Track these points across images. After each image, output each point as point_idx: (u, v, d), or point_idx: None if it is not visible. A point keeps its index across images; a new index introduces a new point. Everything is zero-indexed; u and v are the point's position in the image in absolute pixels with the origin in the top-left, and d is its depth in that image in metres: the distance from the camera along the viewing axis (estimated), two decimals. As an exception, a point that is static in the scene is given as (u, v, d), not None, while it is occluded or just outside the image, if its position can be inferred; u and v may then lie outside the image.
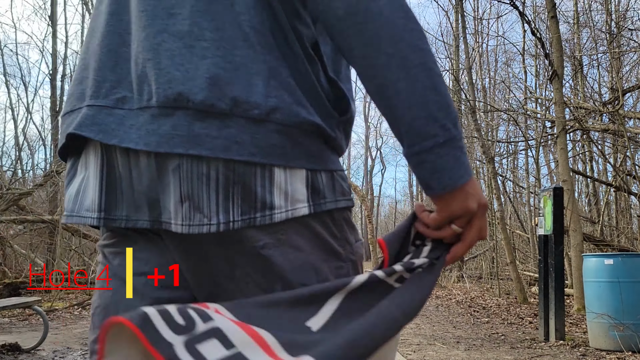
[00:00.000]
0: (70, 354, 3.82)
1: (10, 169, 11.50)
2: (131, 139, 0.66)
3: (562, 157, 6.19)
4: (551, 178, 11.46)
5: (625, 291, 3.97)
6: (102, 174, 0.70)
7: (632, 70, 9.55)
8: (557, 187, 4.79)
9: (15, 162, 11.74)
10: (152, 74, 0.66)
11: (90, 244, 10.17)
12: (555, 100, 6.46)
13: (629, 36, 8.45)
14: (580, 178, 10.80)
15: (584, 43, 10.18)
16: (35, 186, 10.04)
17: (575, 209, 6.04)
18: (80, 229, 9.68)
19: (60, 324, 5.48)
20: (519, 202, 13.48)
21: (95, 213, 0.70)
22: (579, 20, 9.84)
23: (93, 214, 0.70)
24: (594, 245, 7.68)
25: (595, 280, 4.17)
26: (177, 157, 0.64)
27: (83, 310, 6.55)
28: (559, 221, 4.62)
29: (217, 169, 0.64)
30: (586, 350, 4.10)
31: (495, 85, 14.84)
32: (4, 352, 3.77)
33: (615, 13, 9.18)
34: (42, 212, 9.97)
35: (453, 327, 5.13)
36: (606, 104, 8.50)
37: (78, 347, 4.12)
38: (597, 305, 4.10)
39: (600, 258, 4.24)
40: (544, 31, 8.83)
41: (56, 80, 12.36)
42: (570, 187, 5.94)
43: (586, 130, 8.44)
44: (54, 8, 12.49)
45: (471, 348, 4.29)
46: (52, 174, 9.45)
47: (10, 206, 8.70)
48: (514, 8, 7.20)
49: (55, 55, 12.48)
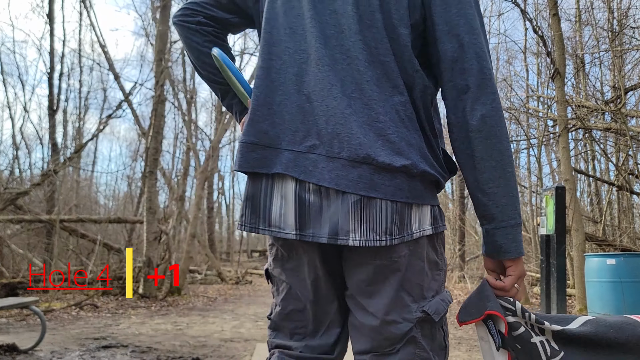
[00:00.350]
0: (68, 355, 3.78)
1: (7, 168, 11.45)
2: (325, 179, 0.96)
3: (564, 156, 6.14)
4: (553, 177, 11.42)
5: (628, 291, 3.94)
6: (296, 203, 0.98)
7: (635, 69, 9.49)
8: (559, 186, 4.75)
9: (12, 161, 11.68)
10: (344, 135, 0.96)
11: (87, 244, 10.12)
12: (557, 98, 6.42)
13: (631, 34, 8.40)
14: (583, 177, 10.76)
15: (586, 41, 10.14)
16: (32, 185, 9.99)
17: (577, 209, 5.99)
18: (78, 229, 9.64)
19: (58, 324, 5.44)
20: (521, 202, 13.42)
21: (294, 231, 0.99)
22: (581, 18, 9.79)
23: (292, 232, 0.99)
24: (596, 245, 7.64)
25: (598, 280, 4.13)
26: (359, 195, 0.95)
27: (81, 311, 6.51)
28: (561, 221, 4.58)
29: (386, 205, 0.96)
30: (589, 351, 4.05)
31: (497, 84, 14.73)
32: (1, 352, 3.74)
33: (618, 11, 9.13)
34: (39, 211, 9.92)
35: (454, 328, 5.09)
36: (608, 102, 8.45)
37: (76, 347, 4.07)
38: (599, 305, 4.06)
39: (603, 258, 4.20)
40: (546, 29, 8.78)
41: (53, 79, 12.31)
42: (572, 187, 5.90)
43: (588, 129, 8.40)
44: (52, 6, 12.43)
45: (472, 349, 4.25)
46: (49, 173, 9.40)
47: (8, 205, 8.64)
48: (516, 6, 7.16)
49: (53, 53, 12.43)
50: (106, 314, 6.43)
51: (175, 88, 12.39)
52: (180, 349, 4.16)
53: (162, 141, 9.37)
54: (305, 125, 0.99)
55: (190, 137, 12.43)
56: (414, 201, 0.98)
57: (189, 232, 10.72)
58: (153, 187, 8.72)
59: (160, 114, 8.96)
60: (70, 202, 11.73)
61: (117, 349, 4.05)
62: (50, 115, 11.98)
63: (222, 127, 11.64)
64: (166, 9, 9.14)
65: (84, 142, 12.27)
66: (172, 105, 13.42)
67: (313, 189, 0.97)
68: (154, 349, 4.11)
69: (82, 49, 16.38)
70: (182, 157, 15.81)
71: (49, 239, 9.39)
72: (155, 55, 9.16)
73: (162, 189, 13.77)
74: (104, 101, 18.45)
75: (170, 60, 10.64)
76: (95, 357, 3.73)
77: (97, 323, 5.58)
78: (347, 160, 0.95)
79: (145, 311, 6.85)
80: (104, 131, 13.48)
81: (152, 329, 5.22)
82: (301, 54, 1.02)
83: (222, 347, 4.29)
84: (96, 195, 22.24)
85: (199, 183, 11.71)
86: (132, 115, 11.22)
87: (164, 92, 9.36)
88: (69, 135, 17.30)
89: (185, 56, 12.91)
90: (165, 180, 13.28)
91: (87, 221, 10.18)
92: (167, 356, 3.82)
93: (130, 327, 5.32)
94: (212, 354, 3.95)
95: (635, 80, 8.90)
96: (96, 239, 9.35)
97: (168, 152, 17.93)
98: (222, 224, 31.80)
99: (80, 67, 16.56)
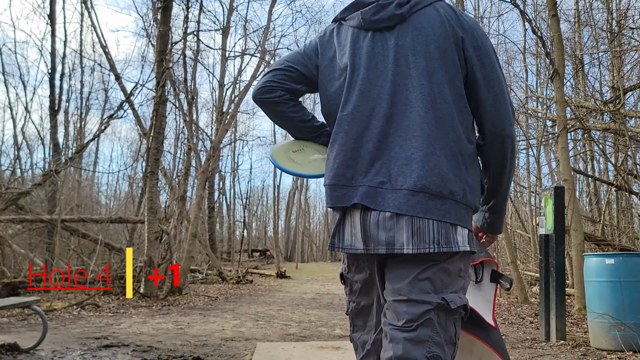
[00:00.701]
0: (69, 354, 3.81)
1: (9, 168, 11.47)
2: (389, 206, 1.25)
3: (563, 156, 6.16)
4: (552, 177, 11.43)
5: (627, 291, 3.95)
6: (362, 225, 1.28)
7: (633, 69, 9.51)
8: (558, 186, 4.77)
9: (13, 162, 11.71)
10: (407, 173, 1.25)
11: (89, 244, 10.15)
12: (556, 99, 6.44)
13: (630, 35, 8.42)
14: (582, 177, 10.78)
15: (585, 42, 10.16)
16: (33, 185, 10.01)
17: (576, 209, 6.01)
18: (79, 229, 9.66)
19: (60, 323, 5.46)
20: (520, 202, 13.46)
21: (362, 246, 1.30)
22: (580, 18, 9.80)
23: (361, 247, 1.30)
24: (595, 244, 7.66)
25: (596, 279, 4.14)
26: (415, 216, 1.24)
27: (82, 310, 6.53)
28: (560, 221, 4.60)
29: (433, 223, 1.24)
30: (587, 350, 4.07)
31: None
32: (2, 352, 3.76)
33: (617, 12, 9.14)
34: (40, 211, 9.95)
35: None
36: (607, 102, 8.47)
37: (77, 346, 4.10)
38: (598, 305, 4.08)
39: (601, 258, 4.21)
40: (545, 30, 8.79)
41: (55, 79, 12.34)
42: (571, 187, 5.91)
43: (587, 129, 8.42)
44: (53, 7, 12.46)
45: (472, 348, 4.26)
46: (50, 174, 9.42)
47: (9, 205, 8.67)
48: (515, 7, 7.17)
49: (54, 54, 12.46)
50: (107, 313, 6.46)
51: (176, 89, 12.41)
52: (181, 348, 4.18)
53: (163, 141, 9.41)
54: (375, 167, 1.29)
55: (191, 137, 12.45)
56: (458, 223, 1.27)
57: (190, 232, 10.74)
58: (154, 187, 8.75)
59: (162, 115, 8.98)
60: (72, 202, 11.76)
61: (119, 348, 4.07)
62: (51, 116, 12.01)
63: (222, 128, 11.66)
64: (167, 9, 9.16)
65: (86, 143, 12.30)
66: (173, 105, 13.44)
67: (377, 214, 1.27)
68: (155, 348, 4.14)
69: (83, 49, 16.40)
70: (183, 157, 15.82)
71: (51, 238, 9.42)
72: (156, 56, 9.19)
73: (163, 189, 13.80)
74: (105, 101, 18.48)
75: (171, 61, 10.66)
76: (97, 357, 3.76)
77: (98, 322, 5.61)
78: (408, 191, 1.24)
79: (147, 310, 6.88)
80: (105, 131, 13.50)
81: (153, 328, 5.25)
82: (372, 113, 1.31)
83: (222, 346, 4.32)
84: (97, 195, 22.27)
85: (200, 183, 11.73)
86: (133, 115, 11.25)
87: (165, 93, 9.39)
88: (70, 136, 17.34)
89: (186, 57, 12.95)
90: (166, 180, 13.30)
91: (88, 221, 10.21)
92: (168, 355, 3.84)
93: (131, 327, 5.34)
94: (213, 353, 3.97)
95: (634, 80, 8.92)
96: (97, 238, 9.38)
97: (169, 153, 17.96)
98: (222, 224, 31.80)
99: (81, 68, 16.60)
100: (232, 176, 30.88)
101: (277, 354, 3.93)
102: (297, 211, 37.42)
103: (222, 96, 12.59)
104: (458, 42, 1.31)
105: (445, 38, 1.30)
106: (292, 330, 5.29)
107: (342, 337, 4.84)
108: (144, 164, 10.36)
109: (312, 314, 6.83)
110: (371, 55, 1.33)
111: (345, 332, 5.22)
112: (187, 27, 12.02)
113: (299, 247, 37.12)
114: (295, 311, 7.18)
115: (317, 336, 4.94)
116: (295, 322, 5.96)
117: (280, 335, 4.94)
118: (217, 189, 24.13)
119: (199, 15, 12.94)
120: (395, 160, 1.26)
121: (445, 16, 1.33)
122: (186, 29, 11.99)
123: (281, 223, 40.53)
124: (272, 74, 1.45)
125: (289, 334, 5.03)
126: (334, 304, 8.43)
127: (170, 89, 11.57)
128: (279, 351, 4.03)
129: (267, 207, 43.29)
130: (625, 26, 8.40)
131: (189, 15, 11.82)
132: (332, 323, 5.92)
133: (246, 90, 12.08)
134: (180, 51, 12.13)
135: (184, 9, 11.79)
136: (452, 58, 1.30)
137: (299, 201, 36.92)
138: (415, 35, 1.31)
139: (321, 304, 8.42)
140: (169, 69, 10.12)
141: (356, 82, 1.33)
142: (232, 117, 12.26)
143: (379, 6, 1.34)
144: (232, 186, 31.63)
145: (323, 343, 4.44)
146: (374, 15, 1.34)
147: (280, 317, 6.45)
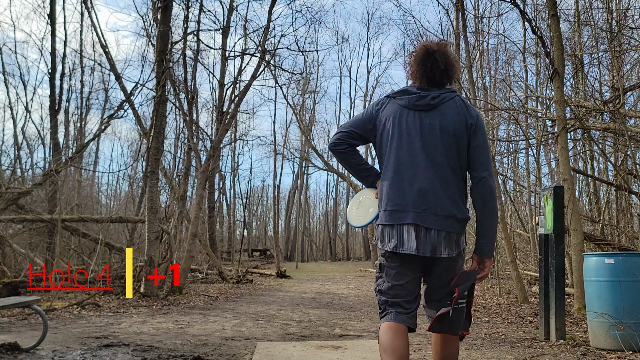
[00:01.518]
0: (69, 353, 3.81)
1: (9, 168, 11.48)
2: (432, 225, 2.00)
3: (563, 156, 6.17)
4: (552, 177, 11.44)
5: (626, 290, 3.95)
6: (416, 237, 2.00)
7: (633, 69, 9.52)
8: (558, 186, 4.77)
9: (14, 161, 11.72)
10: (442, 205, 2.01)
11: (89, 243, 10.16)
12: (555, 99, 6.44)
13: (629, 35, 8.42)
14: (581, 177, 10.77)
15: (585, 41, 10.15)
16: (34, 185, 10.02)
17: (575, 208, 6.02)
18: (80, 229, 9.67)
19: (60, 323, 5.47)
20: (520, 201, 13.46)
21: (415, 251, 2.00)
22: (580, 18, 9.80)
23: (414, 251, 2.00)
24: (595, 244, 7.66)
25: (596, 279, 4.15)
26: (447, 231, 2.01)
27: (82, 310, 6.54)
28: (559, 220, 4.61)
29: (453, 236, 2.04)
30: (587, 349, 4.08)
31: (495, 84, 14.81)
32: (3, 351, 3.76)
33: (616, 11, 9.14)
34: (41, 211, 9.96)
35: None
36: (607, 102, 8.47)
37: (77, 346, 4.11)
38: (598, 304, 4.08)
39: (601, 257, 4.21)
40: (545, 30, 8.80)
41: (55, 79, 12.34)
42: (570, 186, 5.92)
43: (587, 129, 8.42)
44: (53, 7, 12.46)
45: (471, 347, 4.27)
46: (51, 173, 9.43)
47: (9, 205, 8.68)
48: (515, 6, 7.17)
49: (54, 54, 12.46)
50: (108, 313, 6.47)
51: (177, 88, 12.41)
52: (181, 347, 4.19)
53: (163, 141, 9.41)
54: (420, 200, 2.01)
55: (192, 137, 12.45)
56: (461, 232, 2.07)
57: (190, 232, 10.75)
58: (154, 187, 8.75)
59: (162, 114, 8.99)
60: (72, 201, 11.77)
61: (119, 348, 4.08)
62: (51, 116, 12.02)
63: (222, 128, 11.67)
64: (167, 9, 9.17)
65: (86, 142, 12.32)
66: (173, 105, 13.45)
67: (425, 230, 2.00)
68: (155, 347, 4.15)
69: (83, 49, 16.41)
70: (183, 157, 15.84)
71: (51, 238, 9.43)
72: (156, 56, 9.19)
73: (164, 189, 13.80)
74: (105, 101, 18.49)
75: (171, 61, 10.66)
76: (97, 356, 3.76)
77: (98, 322, 5.62)
78: (442, 216, 2.00)
79: (147, 310, 6.89)
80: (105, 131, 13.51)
81: (153, 328, 5.25)
82: (414, 165, 2.04)
83: (223, 345, 4.32)
84: (98, 195, 22.27)
85: (200, 183, 11.74)
86: (134, 115, 11.26)
87: (165, 93, 9.39)
88: (70, 135, 17.35)
89: (186, 57, 12.95)
90: (167, 180, 13.30)
91: (88, 221, 10.22)
92: (169, 355, 3.85)
93: (131, 326, 5.35)
94: (213, 353, 3.98)
95: (634, 80, 8.92)
96: (98, 238, 9.39)
97: (169, 152, 17.98)
98: (223, 224, 31.81)
99: (81, 68, 16.60)
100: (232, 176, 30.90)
101: (277, 353, 3.93)
102: (297, 211, 37.43)
103: (222, 96, 12.59)
104: (467, 125, 2.07)
105: (459, 123, 2.06)
106: (292, 330, 5.30)
107: (342, 337, 4.85)
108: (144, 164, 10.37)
109: (312, 314, 6.83)
110: (412, 126, 2.07)
111: (345, 331, 5.23)
112: (187, 27, 12.04)
113: (299, 247, 37.11)
114: (295, 311, 7.19)
115: (317, 336, 4.95)
116: (295, 322, 5.97)
117: (280, 335, 4.95)
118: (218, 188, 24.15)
119: (199, 15, 12.95)
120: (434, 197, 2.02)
121: (460, 107, 2.08)
122: (186, 29, 12.00)
123: (281, 223, 40.57)
124: (340, 134, 2.22)
125: (289, 334, 5.03)
126: (334, 303, 8.44)
127: (170, 89, 11.58)
128: (279, 350, 4.03)
129: (267, 206, 43.32)
130: (625, 26, 8.40)
131: (189, 15, 11.84)
132: (332, 322, 5.93)
133: (246, 89, 12.08)
134: (180, 51, 12.14)
135: (184, 8, 11.82)
136: (461, 135, 2.05)
137: (299, 201, 36.94)
138: (441, 118, 2.05)
139: (321, 303, 8.43)
140: (169, 69, 10.12)
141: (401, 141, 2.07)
142: (232, 117, 12.26)
143: (420, 97, 2.08)
144: (232, 186, 31.64)
145: (323, 342, 4.45)
146: (417, 101, 2.08)
147: (280, 317, 6.46)
